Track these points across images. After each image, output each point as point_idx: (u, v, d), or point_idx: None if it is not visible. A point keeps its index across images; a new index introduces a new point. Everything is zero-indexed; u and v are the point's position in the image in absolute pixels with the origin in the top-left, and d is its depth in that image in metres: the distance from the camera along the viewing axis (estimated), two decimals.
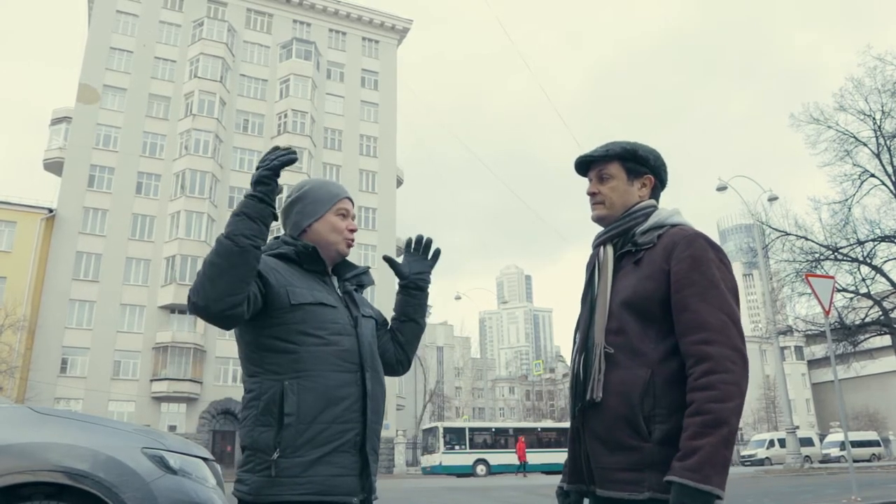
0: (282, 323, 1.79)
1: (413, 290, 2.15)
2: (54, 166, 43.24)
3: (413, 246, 2.20)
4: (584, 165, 1.93)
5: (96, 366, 37.09)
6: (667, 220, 1.80)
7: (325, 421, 1.74)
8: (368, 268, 2.11)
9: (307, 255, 1.91)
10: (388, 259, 2.22)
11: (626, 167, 1.87)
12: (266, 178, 1.76)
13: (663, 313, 1.68)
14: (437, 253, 2.20)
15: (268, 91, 45.91)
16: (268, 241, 1.99)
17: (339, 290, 1.97)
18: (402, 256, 2.22)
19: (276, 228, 1.87)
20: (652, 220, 1.81)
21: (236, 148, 44.05)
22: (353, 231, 2.01)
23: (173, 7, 45.32)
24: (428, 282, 2.18)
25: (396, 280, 2.22)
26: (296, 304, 1.81)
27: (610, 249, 1.84)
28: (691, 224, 1.82)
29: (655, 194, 1.91)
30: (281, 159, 1.78)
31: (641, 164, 1.87)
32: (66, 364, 36.86)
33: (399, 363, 2.14)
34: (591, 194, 1.91)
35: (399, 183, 50.01)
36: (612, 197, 1.87)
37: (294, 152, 1.80)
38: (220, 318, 1.68)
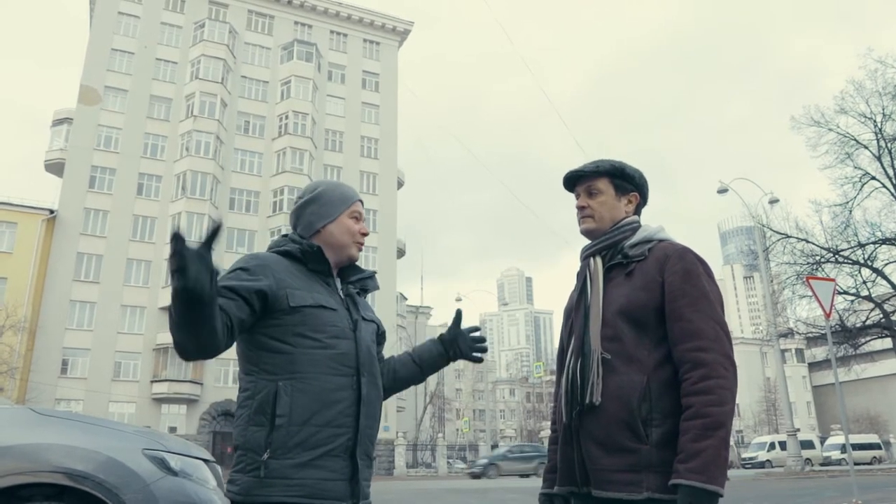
0: (280, 324, 1.79)
1: (445, 354, 2.16)
2: (55, 167, 43.29)
3: (473, 333, 2.18)
4: (572, 180, 2.01)
5: (97, 367, 37.10)
6: (655, 235, 1.89)
7: (318, 424, 1.74)
8: (374, 272, 2.11)
9: (312, 254, 1.91)
10: (459, 314, 2.17)
11: (615, 184, 1.96)
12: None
13: (657, 322, 1.76)
14: (479, 360, 2.20)
15: (269, 92, 45.96)
16: (275, 239, 2.01)
17: (341, 293, 1.95)
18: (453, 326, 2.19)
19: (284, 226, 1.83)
20: (640, 235, 1.90)
21: (237, 149, 44.10)
22: (364, 234, 2.01)
23: (174, 9, 45.39)
24: (455, 360, 2.19)
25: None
26: (294, 306, 1.80)
27: (599, 261, 1.92)
28: (675, 239, 1.92)
29: (637, 211, 2.00)
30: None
31: (628, 182, 1.97)
32: (66, 365, 36.87)
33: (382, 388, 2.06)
34: (581, 208, 1.98)
35: (400, 184, 50.06)
36: (601, 211, 1.95)
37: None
38: (201, 358, 1.72)
